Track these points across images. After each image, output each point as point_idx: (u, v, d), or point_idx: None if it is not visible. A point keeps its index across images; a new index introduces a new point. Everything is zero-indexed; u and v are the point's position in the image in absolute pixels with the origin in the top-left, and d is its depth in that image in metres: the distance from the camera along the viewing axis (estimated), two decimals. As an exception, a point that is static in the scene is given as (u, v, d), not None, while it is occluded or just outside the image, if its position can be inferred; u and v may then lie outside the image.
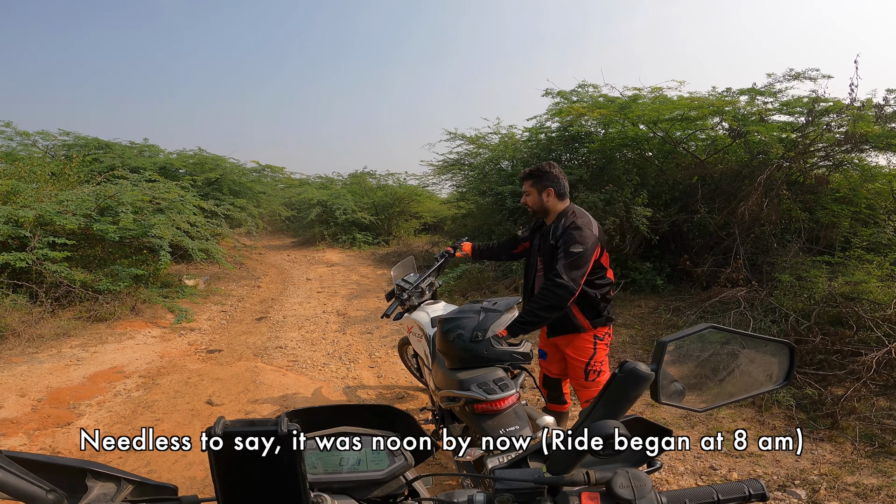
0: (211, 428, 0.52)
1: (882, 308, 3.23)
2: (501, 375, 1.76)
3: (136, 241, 5.74)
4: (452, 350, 1.82)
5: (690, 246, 5.62)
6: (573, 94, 6.40)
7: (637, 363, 0.62)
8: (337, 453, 0.74)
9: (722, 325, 0.75)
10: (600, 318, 2.17)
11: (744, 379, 0.80)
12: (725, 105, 5.11)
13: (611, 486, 0.60)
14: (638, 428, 0.75)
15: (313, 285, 7.74)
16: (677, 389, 0.74)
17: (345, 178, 15.38)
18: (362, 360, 4.22)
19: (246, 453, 0.54)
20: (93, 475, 0.62)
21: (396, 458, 0.75)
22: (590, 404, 0.66)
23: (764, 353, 0.81)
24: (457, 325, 1.82)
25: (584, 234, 2.00)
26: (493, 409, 1.68)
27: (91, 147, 9.77)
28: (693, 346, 0.75)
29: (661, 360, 0.67)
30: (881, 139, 4.57)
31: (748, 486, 0.63)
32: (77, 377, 3.73)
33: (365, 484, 0.74)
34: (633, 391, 0.62)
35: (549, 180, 2.17)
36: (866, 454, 2.47)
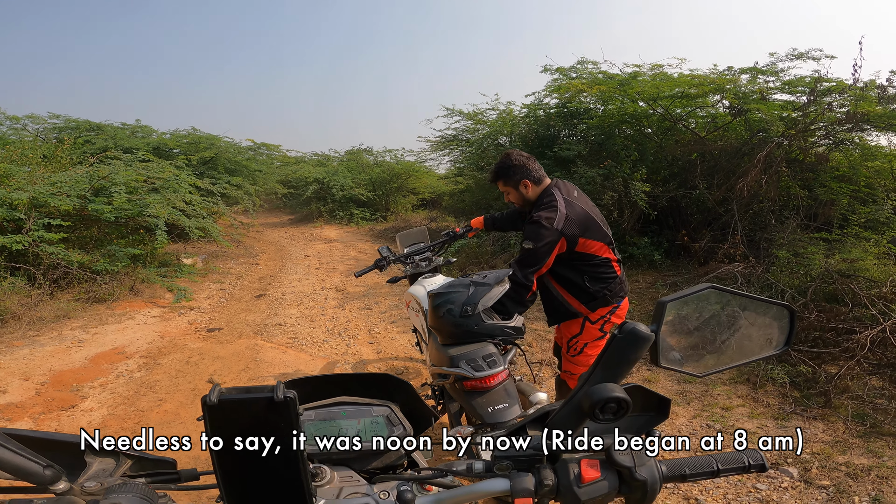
0: (206, 396, 0.51)
1: (878, 285, 3.24)
2: (492, 352, 1.73)
3: (133, 221, 5.71)
4: (443, 325, 1.78)
5: (688, 221, 5.62)
6: (572, 70, 6.32)
7: (637, 323, 0.60)
8: (335, 424, 0.74)
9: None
10: (596, 300, 2.08)
11: (743, 343, 0.78)
12: (726, 83, 5.05)
13: (610, 452, 0.59)
14: (637, 397, 0.72)
15: (311, 262, 7.74)
16: (674, 358, 0.72)
17: (342, 156, 15.25)
18: (361, 336, 4.26)
19: (242, 421, 0.53)
20: (91, 451, 0.62)
21: (395, 427, 0.75)
22: (589, 368, 0.64)
23: (764, 317, 0.79)
24: (447, 299, 1.78)
25: (538, 231, 1.92)
26: (482, 387, 1.66)
27: (82, 129, 9.66)
28: (693, 307, 0.73)
29: (661, 320, 0.65)
30: (883, 119, 4.54)
31: (748, 456, 0.62)
32: (79, 359, 3.76)
33: (364, 454, 0.74)
34: (633, 353, 0.60)
35: (519, 172, 2.08)
36: (858, 434, 2.49)
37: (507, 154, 2.13)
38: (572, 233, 1.96)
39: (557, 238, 1.93)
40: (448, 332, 1.78)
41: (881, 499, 2.03)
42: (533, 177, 2.09)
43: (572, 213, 1.98)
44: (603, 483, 0.59)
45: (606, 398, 0.57)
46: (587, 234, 2.00)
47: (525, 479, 0.60)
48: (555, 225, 1.94)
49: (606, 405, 0.57)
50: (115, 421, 2.91)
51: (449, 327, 1.77)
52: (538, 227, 1.93)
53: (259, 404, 0.52)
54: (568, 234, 1.95)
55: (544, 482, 0.60)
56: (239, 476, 0.55)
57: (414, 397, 0.80)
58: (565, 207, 1.98)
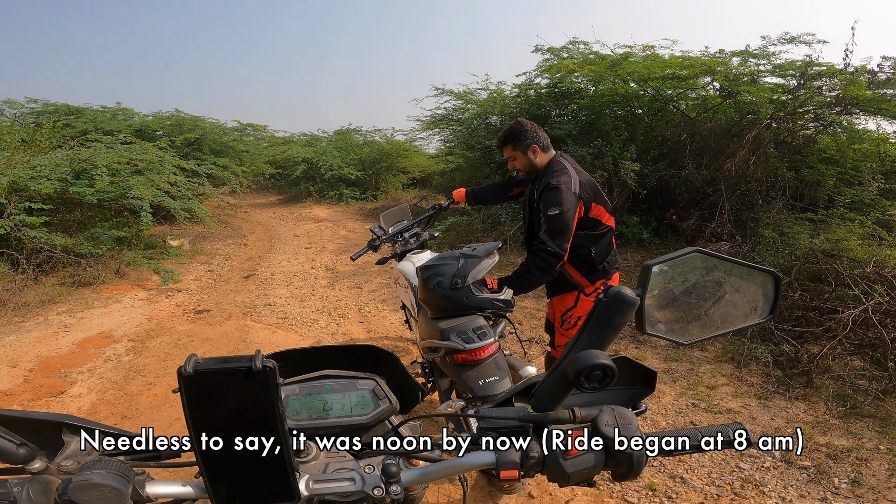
0: (182, 366, 0.50)
1: (861, 266, 3.29)
2: (482, 324, 1.72)
3: (116, 203, 5.61)
4: (433, 298, 1.76)
5: (677, 201, 5.66)
6: (564, 50, 6.26)
7: (622, 287, 0.59)
8: (321, 398, 0.72)
9: None
10: (597, 272, 2.13)
11: (729, 310, 0.76)
12: (717, 65, 5.03)
13: (596, 423, 0.59)
14: (623, 369, 0.72)
15: (301, 241, 7.69)
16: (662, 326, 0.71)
17: (330, 136, 15.00)
18: (352, 316, 4.26)
19: (219, 393, 0.51)
20: (69, 429, 0.61)
21: (381, 401, 0.73)
22: (574, 335, 0.63)
23: (749, 283, 0.77)
24: (436, 272, 1.76)
25: (559, 196, 1.92)
26: (472, 359, 1.65)
27: (61, 113, 9.40)
28: (678, 271, 0.72)
29: (647, 284, 0.63)
30: (872, 103, 4.56)
31: (733, 429, 0.61)
32: (66, 344, 3.73)
33: (350, 429, 0.72)
34: (619, 318, 0.59)
35: (529, 137, 2.08)
36: (838, 415, 2.53)
37: (517, 120, 2.14)
38: (588, 197, 2.01)
39: (577, 202, 1.96)
40: (438, 304, 1.77)
41: (860, 480, 2.08)
42: (542, 143, 2.10)
43: (583, 178, 2.04)
44: (589, 455, 0.58)
45: (592, 364, 0.56)
46: (597, 199, 2.06)
47: (511, 451, 0.60)
48: (573, 189, 1.97)
49: (592, 372, 0.56)
50: (104, 406, 2.90)
51: (439, 300, 1.75)
52: (559, 193, 1.94)
53: (237, 374, 0.51)
54: (584, 197, 2.00)
55: (530, 454, 0.59)
56: (218, 451, 0.54)
57: (400, 370, 0.78)
58: (576, 173, 2.03)
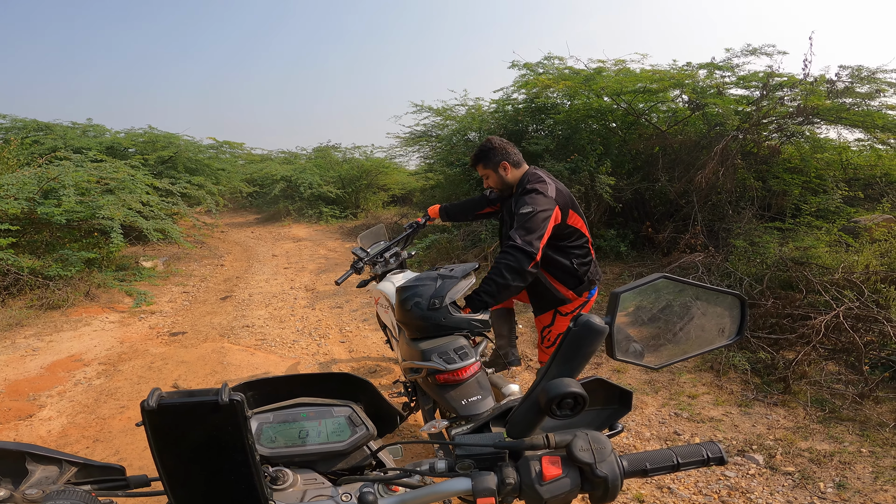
0: (145, 400, 0.48)
1: (830, 272, 3.38)
2: (463, 344, 1.71)
3: (86, 224, 5.45)
4: (410, 319, 1.75)
5: (652, 213, 5.78)
6: (539, 66, 6.39)
7: (591, 316, 0.61)
8: (296, 426, 0.72)
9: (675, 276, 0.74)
10: (582, 284, 2.11)
11: (697, 334, 0.78)
12: (685, 78, 5.20)
13: (571, 449, 0.59)
14: (599, 391, 0.73)
15: (280, 261, 7.58)
16: (636, 350, 0.72)
17: (309, 153, 14.95)
18: (333, 336, 4.20)
19: (185, 427, 0.50)
20: (33, 458, 0.60)
21: (357, 427, 0.73)
22: (546, 363, 0.64)
23: (716, 306, 0.79)
24: (414, 293, 1.75)
25: (533, 197, 1.92)
26: (454, 379, 1.64)
27: (30, 129, 9.16)
28: (646, 297, 0.74)
29: (615, 312, 0.64)
30: (832, 112, 4.73)
31: (706, 448, 0.63)
32: (34, 368, 3.59)
33: (327, 456, 0.72)
34: (589, 346, 0.60)
35: (499, 154, 2.10)
36: (818, 419, 2.56)
37: (487, 139, 2.15)
38: (564, 203, 2.00)
39: (553, 206, 1.93)
40: (416, 325, 1.76)
41: (845, 484, 2.09)
42: (512, 160, 2.11)
43: (560, 186, 2.05)
44: (565, 480, 0.59)
45: (563, 393, 0.57)
46: (573, 206, 2.05)
47: (487, 478, 0.60)
48: (549, 193, 1.95)
49: (563, 400, 0.58)
50: (75, 429, 2.79)
51: (417, 321, 1.74)
52: (533, 194, 1.93)
53: (203, 408, 0.49)
54: (561, 203, 1.97)
55: (506, 481, 0.60)
56: (187, 483, 0.53)
57: (377, 396, 0.78)
58: (552, 181, 2.04)
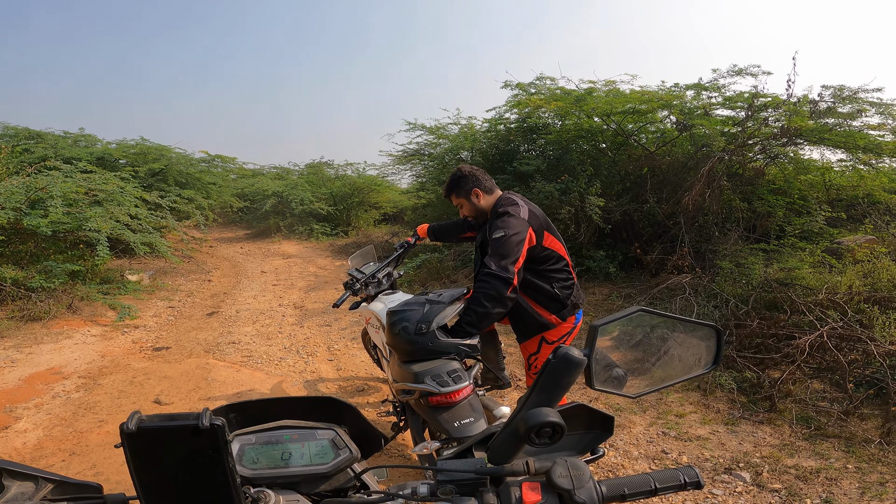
0: (125, 423, 0.48)
1: (814, 293, 3.44)
2: (456, 367, 1.74)
3: (72, 236, 5.38)
4: (398, 343, 1.79)
5: (641, 234, 5.84)
6: (531, 86, 6.48)
7: (570, 348, 0.62)
8: (279, 447, 0.73)
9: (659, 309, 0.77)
10: (566, 308, 2.07)
11: (674, 363, 0.80)
12: (673, 99, 5.28)
13: (550, 475, 0.60)
14: (581, 415, 0.75)
15: (269, 278, 7.51)
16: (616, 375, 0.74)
17: (301, 169, 14.96)
18: (321, 354, 4.15)
19: (165, 451, 0.50)
20: (9, 474, 0.58)
21: (341, 450, 0.74)
22: (526, 392, 0.65)
23: (693, 337, 0.81)
24: (402, 317, 1.79)
25: (505, 220, 1.91)
26: (447, 402, 1.66)
27: (21, 137, 9.09)
28: (625, 329, 0.76)
29: (594, 344, 0.66)
30: (814, 133, 4.83)
31: (683, 473, 0.64)
32: (12, 379, 3.51)
33: (311, 478, 0.72)
34: (567, 377, 0.62)
35: (470, 182, 2.11)
36: (804, 436, 2.58)
37: (457, 168, 2.18)
38: (538, 225, 1.99)
39: (526, 228, 1.92)
40: (404, 349, 1.79)
41: (832, 500, 2.09)
42: (484, 186, 2.12)
43: (533, 208, 2.05)
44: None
45: (541, 423, 0.58)
46: (549, 229, 2.05)
47: (468, 503, 0.61)
48: (521, 215, 1.95)
49: (542, 429, 0.59)
50: (51, 442, 2.72)
51: (404, 345, 1.78)
52: (506, 217, 1.93)
53: (183, 432, 0.49)
54: (535, 225, 1.97)
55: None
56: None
57: (360, 419, 0.79)
58: (525, 203, 2.04)
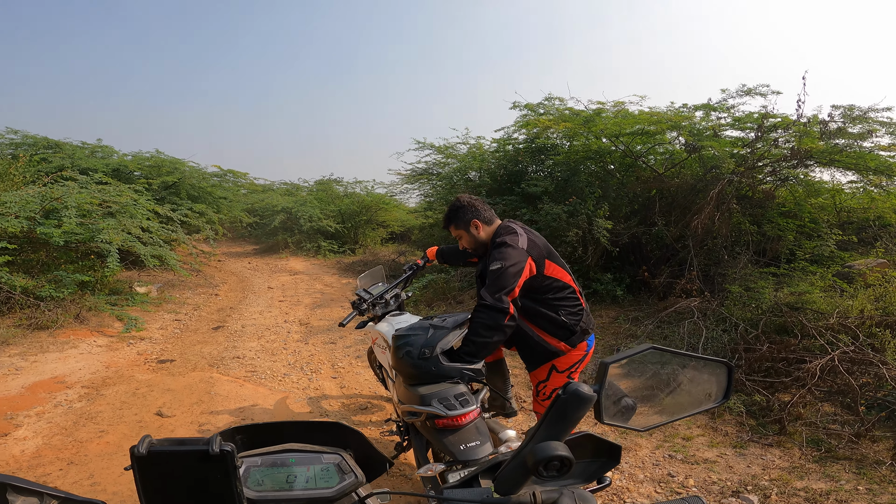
0: (135, 446, 0.49)
1: (825, 317, 3.39)
2: (463, 391, 1.74)
3: (83, 246, 5.46)
4: (402, 366, 1.81)
5: (648, 258, 5.80)
6: (540, 106, 6.51)
7: (580, 384, 0.63)
8: (284, 470, 0.73)
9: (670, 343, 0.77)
10: (575, 335, 2.02)
11: (684, 398, 0.81)
12: (682, 120, 5.27)
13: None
14: (588, 445, 0.75)
15: (275, 294, 7.53)
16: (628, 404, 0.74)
17: (311, 185, 15.12)
18: (325, 371, 4.12)
19: (174, 475, 0.50)
20: (13, 489, 0.57)
21: (346, 475, 0.74)
22: (535, 425, 0.66)
23: (703, 373, 0.82)
24: (406, 341, 1.81)
25: (503, 251, 1.89)
26: (453, 425, 1.67)
27: (40, 146, 9.27)
28: (636, 366, 0.77)
29: (604, 381, 0.67)
30: (825, 155, 4.75)
31: (689, 502, 0.64)
32: (15, 387, 3.52)
33: (314, 502, 0.72)
34: (576, 412, 0.63)
35: (468, 213, 2.09)
36: (813, 459, 2.54)
37: (456, 197, 2.16)
38: (538, 254, 1.95)
39: (524, 258, 1.89)
40: (408, 372, 1.81)
41: (840, 524, 2.04)
42: (483, 217, 2.10)
43: (532, 237, 2.02)
44: None
45: (550, 456, 0.59)
46: (551, 257, 2.01)
47: None
48: (520, 245, 1.92)
49: (550, 463, 0.60)
50: (50, 451, 2.71)
51: (408, 369, 1.79)
52: (503, 248, 1.91)
53: (193, 457, 0.50)
54: (534, 254, 1.93)
55: None
56: None
57: (366, 444, 0.80)
58: (525, 232, 2.01)
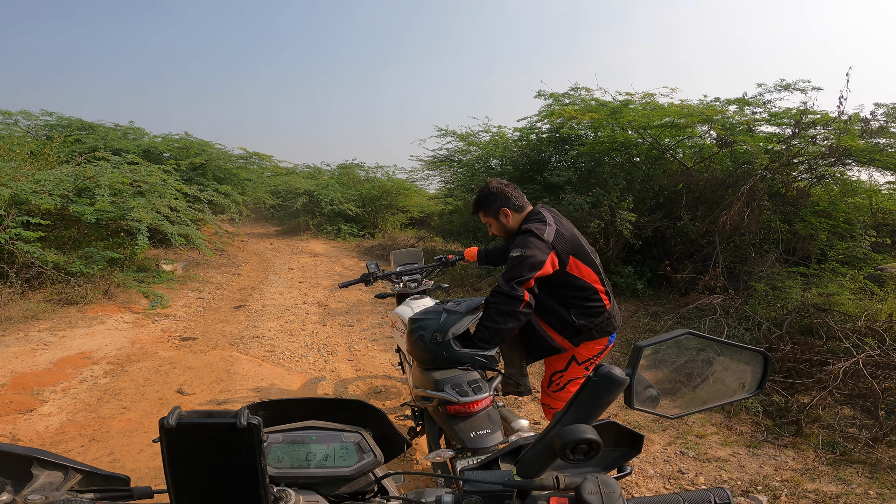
0: (164, 418, 0.49)
1: (852, 320, 3.29)
2: (476, 377, 1.73)
3: (114, 224, 5.62)
4: (416, 350, 1.81)
5: (672, 252, 5.67)
6: (565, 96, 6.42)
7: (612, 367, 0.61)
8: (304, 447, 0.73)
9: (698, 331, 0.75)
10: (581, 335, 1.95)
11: (717, 386, 0.79)
12: (714, 114, 5.12)
13: (580, 492, 0.59)
14: (610, 432, 0.74)
15: (295, 275, 7.66)
16: (652, 395, 0.73)
17: (333, 169, 15.26)
18: (341, 353, 4.19)
19: (201, 447, 0.51)
20: (39, 463, 0.60)
21: (365, 454, 0.74)
22: (563, 407, 0.65)
23: (738, 361, 0.80)
24: (419, 325, 1.80)
25: (526, 240, 1.83)
26: (465, 412, 1.66)
27: (74, 128, 9.57)
28: (669, 351, 0.75)
29: (637, 364, 0.66)
30: (864, 153, 4.58)
31: (714, 494, 0.62)
32: (43, 362, 3.65)
33: (332, 480, 0.73)
34: (607, 396, 0.62)
35: (498, 200, 2.01)
36: (828, 462, 2.51)
37: (485, 183, 2.07)
38: (563, 248, 1.86)
39: (548, 251, 1.82)
40: (421, 357, 1.81)
41: (850, 529, 2.00)
42: (513, 205, 2.02)
43: (562, 229, 1.91)
44: None
45: (578, 440, 0.58)
46: (578, 254, 1.90)
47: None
48: (545, 236, 1.84)
49: (577, 446, 0.59)
50: (73, 427, 2.81)
51: (421, 353, 1.79)
52: (528, 236, 1.84)
53: (220, 429, 0.50)
54: (559, 248, 1.84)
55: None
56: (195, 501, 0.53)
57: (387, 424, 0.79)
58: (554, 222, 1.92)
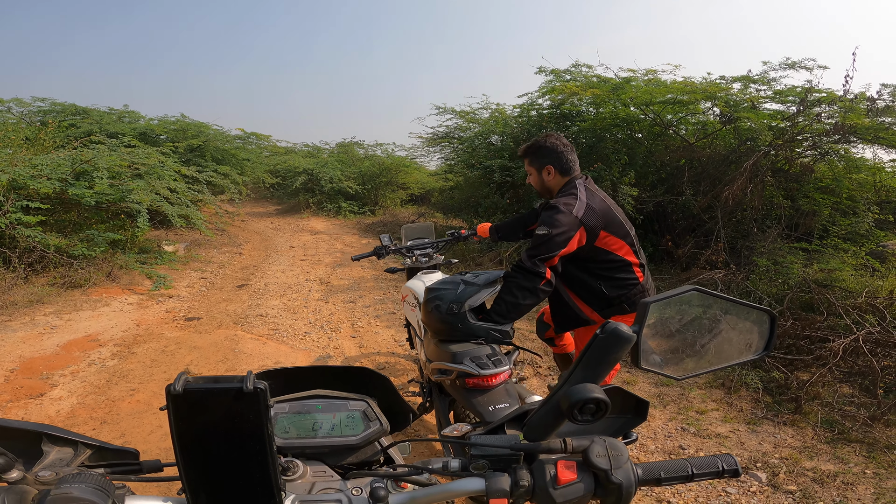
0: (171, 384, 0.49)
1: (853, 296, 3.29)
2: (496, 350, 1.73)
3: (114, 206, 5.62)
4: (431, 320, 1.79)
5: (673, 227, 5.67)
6: (567, 73, 6.35)
7: (619, 323, 0.60)
8: (310, 417, 0.73)
9: None
10: (611, 308, 1.92)
11: (724, 347, 0.78)
12: (718, 91, 5.07)
13: (587, 454, 0.59)
14: (616, 398, 0.73)
15: (297, 253, 7.67)
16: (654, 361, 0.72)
17: (332, 147, 15.14)
18: (344, 330, 4.22)
19: (208, 413, 0.51)
20: (49, 439, 0.60)
21: (371, 422, 0.74)
22: (569, 368, 0.63)
23: (745, 321, 0.79)
24: (436, 295, 1.78)
25: (553, 217, 1.78)
26: (483, 385, 1.65)
27: (68, 113, 9.50)
28: (675, 309, 0.73)
29: (644, 321, 0.64)
30: (870, 131, 4.56)
31: (722, 460, 0.62)
32: (51, 346, 3.68)
33: (339, 449, 0.73)
34: (615, 353, 0.60)
35: (548, 156, 1.93)
36: (826, 440, 2.53)
37: (546, 134, 2.00)
38: (593, 224, 1.81)
39: (576, 227, 1.78)
40: (436, 327, 1.79)
41: (845, 504, 2.05)
42: (561, 166, 1.93)
43: (594, 203, 1.85)
44: (579, 485, 0.59)
45: (585, 399, 0.57)
46: (609, 228, 1.86)
47: (501, 479, 0.60)
48: (574, 212, 1.79)
49: (585, 406, 0.57)
50: (84, 410, 2.85)
51: (436, 323, 1.78)
52: (555, 213, 1.79)
53: (227, 395, 0.50)
54: (588, 224, 1.80)
55: (520, 483, 0.59)
56: (203, 468, 0.53)
57: (392, 392, 0.79)
58: (586, 197, 1.85)
